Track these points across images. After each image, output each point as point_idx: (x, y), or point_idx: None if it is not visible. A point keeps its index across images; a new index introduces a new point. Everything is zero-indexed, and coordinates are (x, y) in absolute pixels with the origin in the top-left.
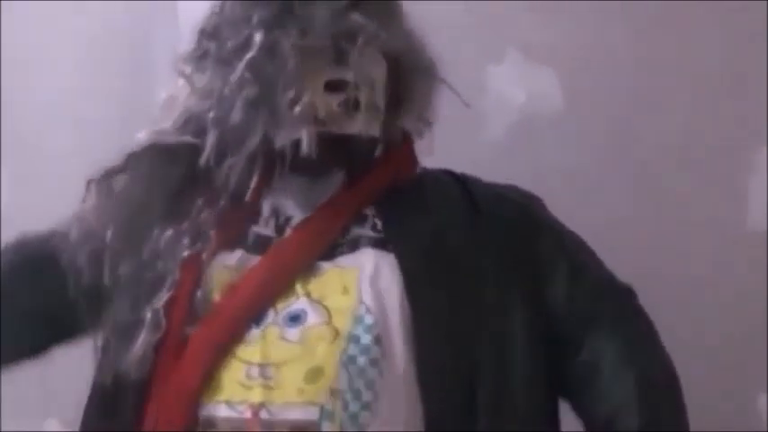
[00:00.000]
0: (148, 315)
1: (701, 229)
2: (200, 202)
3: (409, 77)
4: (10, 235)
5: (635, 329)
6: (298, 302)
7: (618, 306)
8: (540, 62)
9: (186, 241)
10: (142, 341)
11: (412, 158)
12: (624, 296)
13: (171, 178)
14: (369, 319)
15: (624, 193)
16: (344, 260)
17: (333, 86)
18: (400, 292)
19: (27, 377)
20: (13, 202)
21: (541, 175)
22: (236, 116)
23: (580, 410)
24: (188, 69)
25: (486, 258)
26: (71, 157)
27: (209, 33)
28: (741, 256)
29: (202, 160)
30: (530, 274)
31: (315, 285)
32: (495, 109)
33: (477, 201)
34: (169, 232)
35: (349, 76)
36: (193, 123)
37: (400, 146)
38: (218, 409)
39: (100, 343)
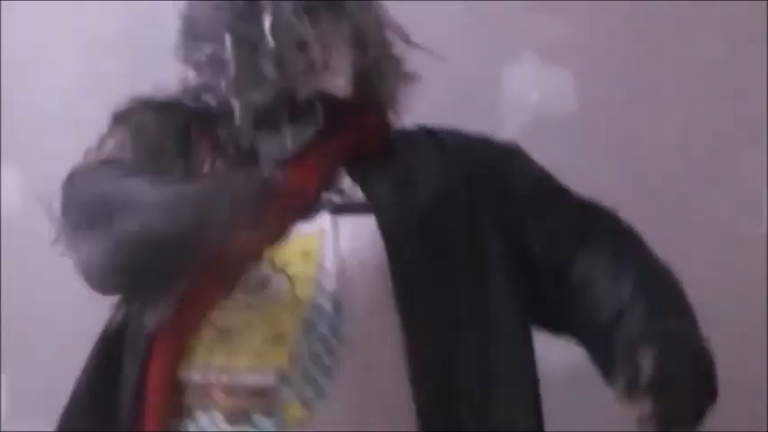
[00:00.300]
0: None
1: (713, 229)
2: (209, 157)
3: (378, 66)
4: (12, 236)
5: (625, 240)
6: (262, 269)
7: (604, 222)
8: (556, 63)
9: None
10: (170, 297)
11: (383, 121)
12: (609, 213)
13: (175, 127)
14: (329, 286)
15: (638, 193)
16: (307, 226)
17: (302, 45)
18: (364, 256)
19: (28, 377)
20: (13, 203)
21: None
22: (270, 73)
23: (578, 329)
24: (185, 50)
25: (463, 207)
26: (71, 157)
27: (191, 21)
28: (742, 256)
29: (237, 119)
30: (508, 212)
31: (278, 251)
32: (510, 108)
33: (449, 150)
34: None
35: (317, 37)
36: (190, 94)
37: (373, 110)
38: (189, 375)
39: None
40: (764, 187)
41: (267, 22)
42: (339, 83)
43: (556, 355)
